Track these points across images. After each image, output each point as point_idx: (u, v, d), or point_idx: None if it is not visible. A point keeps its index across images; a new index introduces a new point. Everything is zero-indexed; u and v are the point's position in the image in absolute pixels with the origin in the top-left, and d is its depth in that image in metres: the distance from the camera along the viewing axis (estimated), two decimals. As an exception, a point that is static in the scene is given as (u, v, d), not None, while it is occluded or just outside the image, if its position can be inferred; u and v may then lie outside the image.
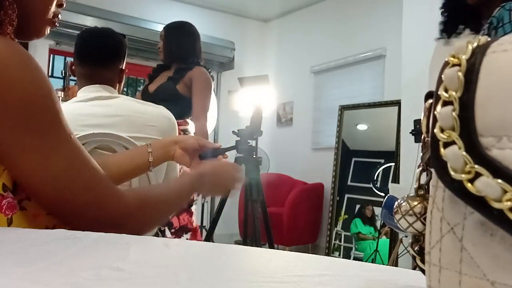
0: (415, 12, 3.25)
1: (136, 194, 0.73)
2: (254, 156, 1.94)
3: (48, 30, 0.77)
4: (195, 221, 2.08)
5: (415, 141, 2.55)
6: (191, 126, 2.28)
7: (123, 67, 1.46)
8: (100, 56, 1.40)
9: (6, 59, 0.57)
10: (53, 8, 0.75)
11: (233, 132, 1.77)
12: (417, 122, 2.59)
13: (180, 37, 2.46)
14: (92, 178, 0.64)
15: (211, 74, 2.43)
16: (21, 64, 0.58)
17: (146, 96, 2.36)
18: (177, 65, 2.42)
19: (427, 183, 0.29)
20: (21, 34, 0.69)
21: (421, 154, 0.29)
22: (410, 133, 2.63)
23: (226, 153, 1.10)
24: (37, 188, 0.61)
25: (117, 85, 1.45)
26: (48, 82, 0.61)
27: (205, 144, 1.04)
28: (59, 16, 0.77)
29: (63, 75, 3.22)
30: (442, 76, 0.23)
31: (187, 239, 1.96)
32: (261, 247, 2.15)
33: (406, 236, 2.87)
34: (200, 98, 2.31)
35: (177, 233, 1.94)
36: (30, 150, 0.58)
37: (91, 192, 0.63)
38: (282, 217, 4.14)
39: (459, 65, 0.23)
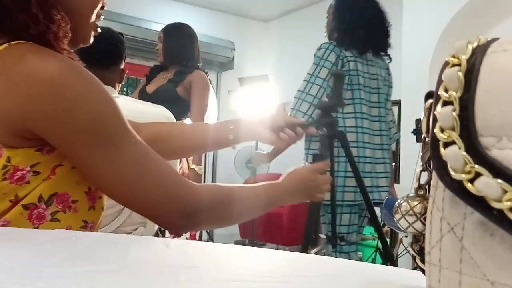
0: (415, 13, 3.25)
1: (212, 189, 0.73)
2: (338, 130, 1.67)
3: (93, 36, 0.75)
4: None
5: (417, 141, 2.55)
6: None
7: (123, 67, 1.46)
8: (102, 58, 1.39)
9: (68, 78, 0.58)
10: (96, 11, 0.73)
11: (314, 105, 1.66)
12: (418, 121, 2.59)
13: (179, 39, 2.46)
14: (161, 174, 0.65)
15: (208, 77, 2.46)
16: (82, 80, 0.60)
17: (144, 97, 2.37)
18: (176, 67, 2.43)
19: (427, 183, 0.29)
20: (68, 44, 0.68)
21: (421, 154, 0.29)
22: (412, 132, 2.63)
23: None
24: (111, 191, 0.64)
25: (117, 85, 1.45)
26: (107, 92, 0.63)
27: (291, 121, 1.04)
28: (101, 17, 0.76)
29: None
30: (442, 76, 0.23)
31: (186, 238, 1.96)
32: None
33: (406, 236, 2.86)
34: (199, 101, 2.36)
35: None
36: (100, 159, 0.60)
37: (161, 188, 0.64)
38: (282, 217, 4.13)
39: (459, 65, 0.23)
